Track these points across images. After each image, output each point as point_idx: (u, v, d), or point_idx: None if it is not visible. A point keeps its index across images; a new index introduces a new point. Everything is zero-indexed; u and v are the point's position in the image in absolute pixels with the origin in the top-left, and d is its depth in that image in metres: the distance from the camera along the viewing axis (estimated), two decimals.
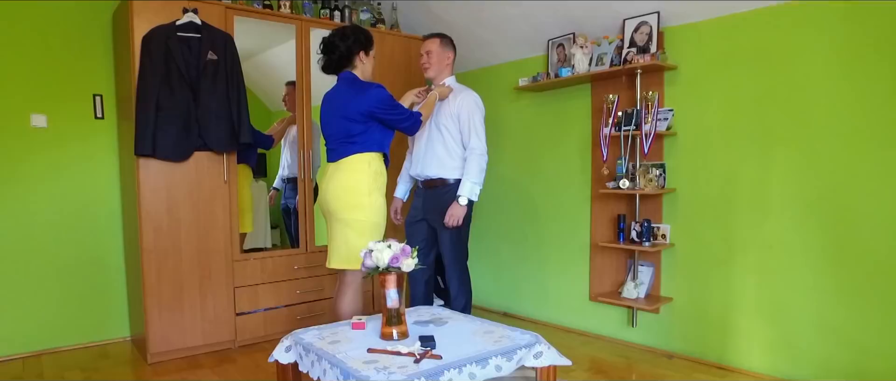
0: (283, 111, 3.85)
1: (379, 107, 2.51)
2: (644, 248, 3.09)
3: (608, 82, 3.44)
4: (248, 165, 3.89)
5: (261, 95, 3.93)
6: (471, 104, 2.88)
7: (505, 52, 4.00)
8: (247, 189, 3.91)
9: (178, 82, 3.11)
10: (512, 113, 4.07)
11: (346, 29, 2.59)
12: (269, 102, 3.91)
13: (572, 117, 3.68)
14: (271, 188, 4.16)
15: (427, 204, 2.98)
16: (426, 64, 2.94)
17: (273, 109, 3.89)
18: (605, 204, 3.50)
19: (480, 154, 2.84)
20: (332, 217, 2.61)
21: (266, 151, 4.09)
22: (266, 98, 3.92)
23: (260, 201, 3.98)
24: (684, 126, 3.13)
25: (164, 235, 3.16)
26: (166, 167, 3.15)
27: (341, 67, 2.61)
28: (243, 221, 3.83)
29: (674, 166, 3.18)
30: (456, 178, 2.90)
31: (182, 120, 3.13)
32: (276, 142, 3.93)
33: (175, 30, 3.11)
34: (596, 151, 3.54)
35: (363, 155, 2.55)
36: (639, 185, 3.12)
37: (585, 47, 3.34)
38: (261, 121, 3.83)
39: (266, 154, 4.00)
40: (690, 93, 3.10)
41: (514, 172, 4.09)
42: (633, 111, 3.13)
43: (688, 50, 3.09)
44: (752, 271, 2.90)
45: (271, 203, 4.18)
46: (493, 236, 4.26)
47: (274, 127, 3.97)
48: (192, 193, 3.25)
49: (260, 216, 4.02)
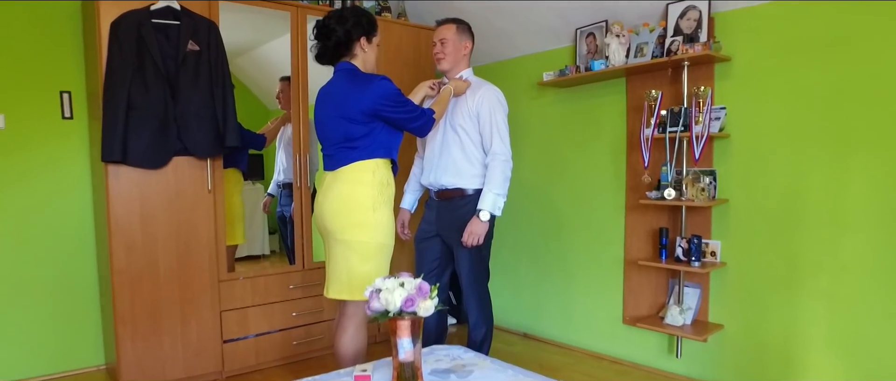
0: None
1: (384, 103, 2.09)
2: (693, 268, 2.66)
3: (646, 76, 3.01)
4: (238, 169, 3.50)
5: (258, 92, 3.60)
6: (492, 101, 2.45)
7: (526, 43, 3.56)
8: (237, 196, 3.53)
9: (154, 76, 2.69)
10: (534, 111, 3.64)
11: (344, 10, 2.16)
12: (266, 100, 3.58)
13: (604, 116, 3.24)
14: (266, 194, 3.78)
15: (441, 218, 2.55)
16: (440, 54, 2.51)
17: (271, 107, 3.54)
18: (643, 216, 3.06)
19: (505, 160, 2.42)
20: (331, 238, 2.19)
21: (260, 152, 3.70)
22: (263, 95, 3.58)
23: (256, 205, 3.60)
24: (739, 127, 2.70)
25: (138, 253, 2.74)
26: (140, 175, 2.73)
27: (339, 55, 2.19)
28: (234, 232, 3.44)
29: (726, 173, 2.74)
30: (475, 188, 2.47)
31: (158, 120, 2.72)
32: (270, 142, 3.53)
33: (149, 15, 2.69)
34: (632, 155, 3.10)
35: (366, 162, 2.13)
36: (686, 195, 2.69)
37: (622, 36, 2.91)
38: (258, 120, 3.48)
39: (263, 154, 3.59)
40: (746, 88, 2.67)
41: (537, 177, 3.66)
42: (681, 110, 2.70)
43: (743, 38, 2.66)
44: (822, 298, 2.47)
45: (266, 210, 3.80)
46: (513, 248, 3.83)
47: (267, 126, 3.58)
48: (171, 204, 2.83)
49: (256, 221, 3.66)
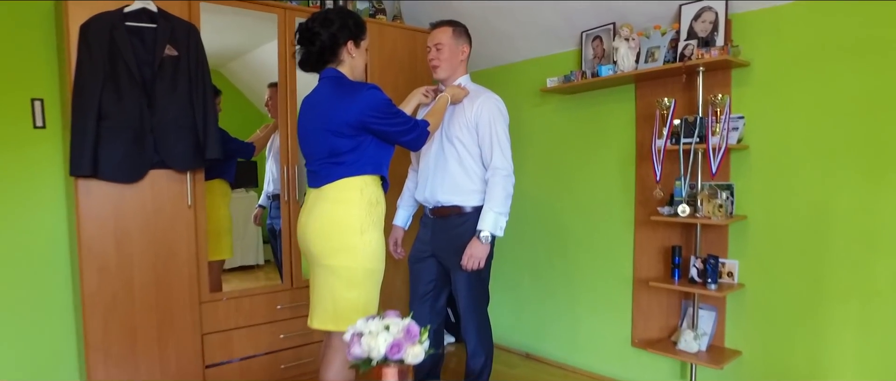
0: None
1: (373, 114, 1.89)
2: (710, 292, 2.46)
3: (657, 83, 2.81)
4: (224, 180, 3.31)
5: (252, 98, 3.43)
6: (492, 110, 2.25)
7: (529, 46, 3.37)
8: (224, 208, 3.35)
9: (128, 84, 2.50)
10: (537, 119, 3.44)
11: (328, 12, 1.97)
12: (261, 106, 3.40)
13: (611, 125, 3.04)
14: (257, 206, 3.60)
15: (437, 238, 2.35)
16: (435, 60, 2.30)
17: (266, 112, 3.36)
18: (653, 232, 2.86)
19: (506, 175, 2.21)
20: (314, 262, 2.00)
21: (248, 160, 3.51)
22: (258, 101, 3.40)
23: (249, 213, 3.44)
24: (758, 138, 2.50)
25: (112, 275, 2.55)
26: (113, 190, 2.54)
27: (324, 62, 2.00)
28: (220, 246, 3.25)
29: (744, 188, 2.54)
30: (474, 205, 2.27)
31: (132, 131, 2.52)
32: (259, 151, 3.34)
33: (122, 18, 2.49)
34: (641, 167, 2.90)
35: (353, 180, 1.93)
36: (702, 212, 2.49)
37: (632, 40, 2.71)
38: (252, 126, 3.32)
39: (256, 161, 3.40)
40: (767, 96, 2.47)
41: (540, 189, 3.46)
42: (696, 119, 2.49)
43: (764, 41, 2.46)
44: (851, 325, 2.27)
45: (257, 223, 3.61)
46: (515, 263, 3.63)
47: (257, 134, 3.39)
48: (148, 221, 2.63)
49: (250, 230, 3.49)
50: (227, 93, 3.57)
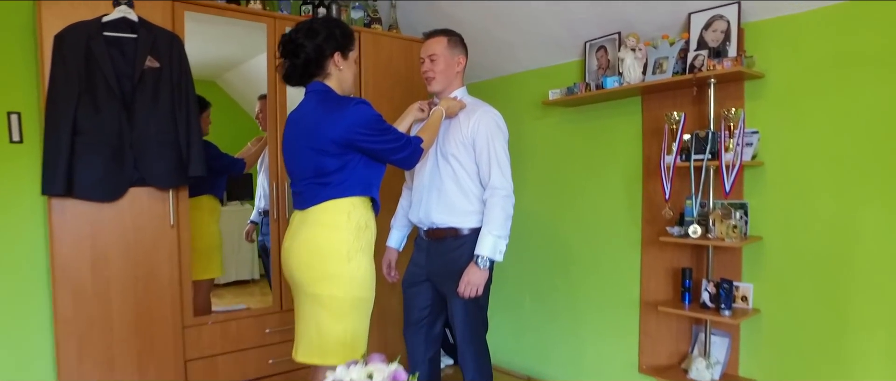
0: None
1: (360, 131, 1.75)
2: (723, 318, 2.30)
3: (665, 95, 2.67)
4: (214, 196, 3.18)
5: (248, 109, 3.33)
6: (490, 125, 2.11)
7: (530, 57, 3.23)
8: (213, 225, 3.22)
9: (106, 97, 2.37)
10: (538, 133, 3.30)
11: (314, 23, 1.83)
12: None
13: (617, 139, 2.90)
14: (249, 222, 3.47)
15: (433, 262, 2.20)
16: (429, 72, 2.16)
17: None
18: (662, 253, 2.71)
19: (505, 196, 2.07)
20: (299, 290, 1.85)
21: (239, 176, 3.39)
22: (253, 112, 3.28)
23: (243, 227, 3.34)
24: (774, 154, 2.35)
25: (88, 299, 2.40)
26: (90, 210, 2.40)
27: (309, 75, 1.86)
28: (210, 265, 3.14)
29: (759, 207, 2.40)
30: (472, 227, 2.12)
31: (110, 147, 2.39)
32: (250, 166, 3.21)
33: (100, 28, 2.37)
34: (649, 184, 2.76)
35: (340, 202, 1.79)
36: (714, 233, 2.34)
37: (638, 50, 2.57)
38: (248, 139, 3.20)
39: (252, 173, 3.27)
40: (783, 109, 2.33)
41: (541, 206, 3.31)
42: (708, 134, 2.35)
43: (779, 52, 2.32)
44: (877, 355, 2.11)
45: (249, 239, 3.48)
46: (515, 283, 3.47)
47: (248, 148, 3.26)
48: (128, 242, 2.49)
49: (245, 245, 3.38)
50: (223, 104, 3.49)
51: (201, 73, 3.36)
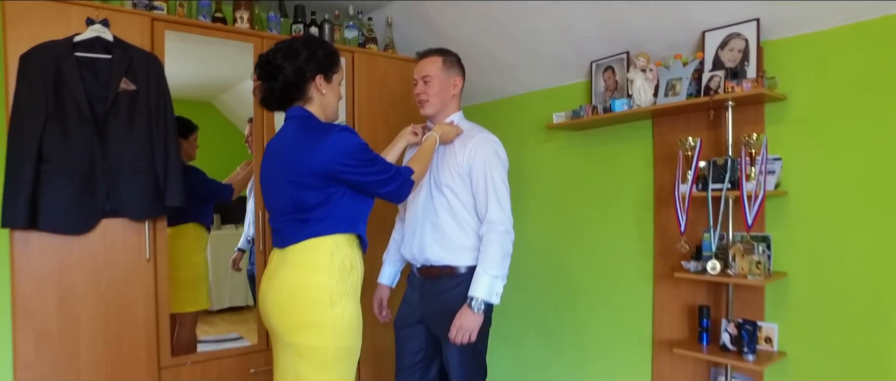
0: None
1: (343, 162, 1.57)
2: (747, 363, 2.10)
3: (677, 118, 2.49)
4: (200, 223, 3.01)
5: (245, 130, 3.14)
6: (488, 154, 1.92)
7: (533, 78, 3.06)
8: (199, 255, 3.06)
9: (77, 122, 2.20)
10: (542, 158, 3.12)
11: (294, 42, 1.67)
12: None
13: (626, 165, 2.72)
14: (236, 249, 3.30)
15: (426, 302, 2.01)
16: (423, 94, 1.98)
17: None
18: (676, 288, 2.51)
19: (503, 231, 1.87)
20: (277, 338, 1.66)
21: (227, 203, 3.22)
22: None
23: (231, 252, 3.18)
24: (798, 183, 2.17)
25: (52, 341, 2.21)
26: (57, 243, 2.21)
27: (288, 99, 1.69)
28: (196, 297, 2.98)
29: (783, 240, 2.20)
30: (469, 265, 1.92)
31: (80, 175, 2.21)
32: (238, 191, 3.05)
33: (72, 48, 2.20)
34: (661, 214, 2.57)
35: (322, 240, 1.61)
36: (735, 269, 2.14)
37: (649, 71, 2.40)
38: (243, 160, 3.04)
39: (245, 195, 3.09)
40: (807, 134, 2.15)
41: (545, 236, 3.12)
42: (726, 162, 2.16)
43: (802, 72, 2.15)
44: None
45: (235, 267, 3.31)
46: (518, 317, 3.27)
47: (236, 172, 3.10)
48: (98, 278, 2.30)
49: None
50: (219, 126, 3.35)
51: (196, 94, 3.24)
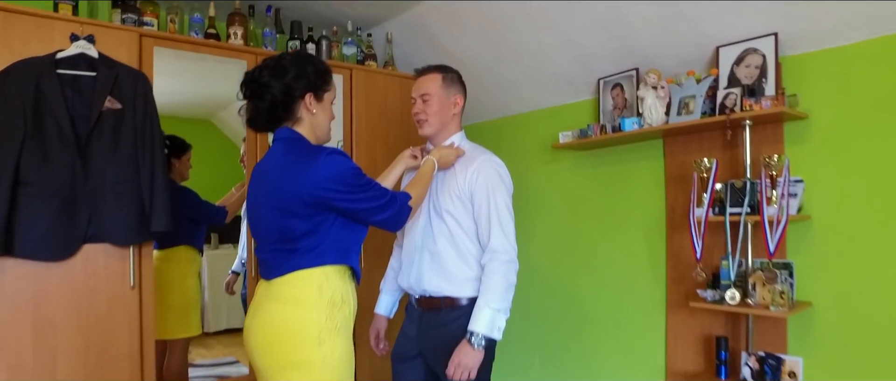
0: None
1: (333, 187, 1.45)
2: None
3: (691, 138, 2.37)
4: (192, 246, 2.90)
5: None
6: (491, 177, 1.79)
7: (537, 96, 2.95)
8: (191, 279, 2.97)
9: (57, 142, 2.09)
10: (547, 179, 2.99)
11: (282, 58, 1.55)
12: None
13: (636, 187, 2.59)
14: (230, 272, 3.19)
15: (425, 335, 1.86)
16: (421, 113, 1.86)
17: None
18: (691, 317, 2.37)
19: (507, 261, 1.73)
20: (261, 378, 1.52)
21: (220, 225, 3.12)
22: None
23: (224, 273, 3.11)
24: (822, 206, 2.04)
25: (27, 375, 2.07)
26: (34, 270, 2.09)
27: (276, 120, 1.57)
28: (187, 323, 2.87)
29: (806, 268, 2.07)
30: (471, 296, 1.78)
31: (60, 198, 2.10)
32: (233, 213, 2.94)
33: (54, 65, 2.10)
34: (674, 238, 2.44)
35: (310, 272, 1.48)
36: (756, 298, 2.00)
37: (661, 88, 2.28)
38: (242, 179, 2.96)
39: (241, 215, 2.98)
40: (830, 155, 2.02)
41: (551, 261, 2.98)
42: (745, 184, 2.04)
43: (824, 89, 2.03)
44: None
45: (228, 291, 3.20)
46: (523, 343, 3.12)
47: (231, 194, 3.00)
48: (79, 306, 2.18)
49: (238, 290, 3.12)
50: (218, 144, 3.27)
51: (194, 111, 3.16)
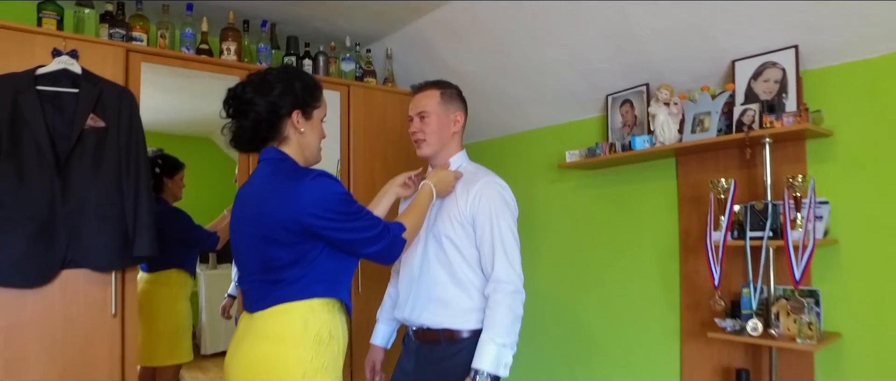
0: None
1: (319, 214, 1.32)
2: None
3: (705, 156, 2.25)
4: (184, 270, 2.80)
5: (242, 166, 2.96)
6: (494, 200, 1.65)
7: (543, 113, 2.83)
8: (182, 303, 2.89)
9: (34, 162, 1.98)
10: (553, 200, 2.86)
11: (268, 73, 1.43)
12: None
13: (647, 208, 2.46)
14: (226, 296, 3.09)
15: (422, 372, 1.72)
16: (418, 133, 1.74)
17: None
18: (708, 347, 2.22)
19: (512, 291, 1.59)
20: None
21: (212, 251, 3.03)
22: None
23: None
24: (850, 230, 1.90)
25: None
26: (6, 298, 1.97)
27: (260, 139, 1.45)
28: (177, 349, 2.76)
29: (834, 296, 1.92)
30: (473, 329, 1.64)
31: (36, 222, 1.98)
32: (224, 239, 2.83)
33: (33, 81, 2.00)
34: (688, 262, 2.30)
35: (295, 306, 1.35)
36: (780, 329, 1.86)
37: (674, 104, 2.16)
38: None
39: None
40: (858, 175, 1.89)
41: (558, 286, 2.84)
42: (766, 207, 1.90)
43: (850, 105, 1.90)
44: None
45: (224, 315, 3.08)
46: (528, 371, 2.97)
47: (224, 216, 2.90)
48: (55, 337, 2.05)
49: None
50: (218, 161, 3.18)
51: (194, 128, 3.06)
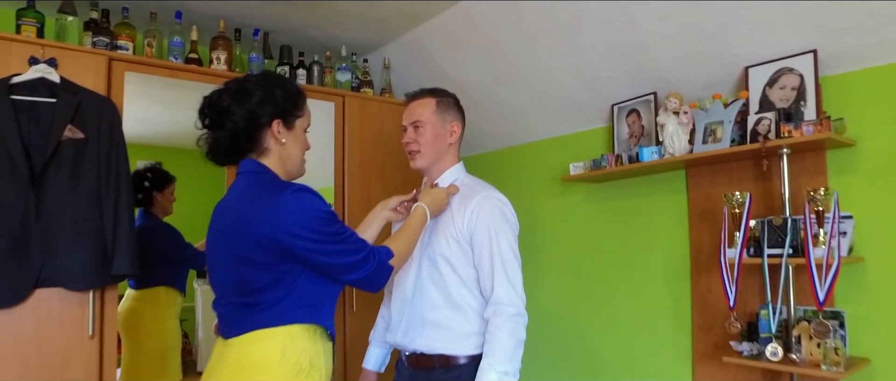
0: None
1: (297, 233, 1.20)
2: None
3: (717, 168, 2.12)
4: (172, 287, 2.69)
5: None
6: (493, 216, 1.52)
7: (545, 123, 2.71)
8: (171, 321, 2.78)
9: (8, 174, 1.89)
10: (557, 214, 2.74)
11: (246, 81, 1.32)
12: None
13: (655, 223, 2.33)
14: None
15: None
16: (412, 144, 1.62)
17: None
18: (722, 371, 2.09)
19: (514, 314, 1.46)
20: None
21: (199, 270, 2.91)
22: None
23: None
24: (876, 247, 1.77)
25: None
26: None
27: (238, 151, 1.33)
28: (166, 368, 2.64)
29: (860, 318, 1.79)
30: (470, 354, 1.51)
31: (8, 238, 1.88)
32: None
33: (7, 90, 1.90)
34: (700, 281, 2.17)
35: (272, 332, 1.23)
36: (802, 354, 1.72)
37: (683, 114, 2.04)
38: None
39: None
40: (884, 187, 1.76)
41: (562, 305, 2.71)
42: (785, 222, 1.77)
43: (874, 113, 1.78)
44: None
45: (217, 333, 2.93)
46: None
47: None
48: (27, 360, 1.93)
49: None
50: (216, 174, 3.05)
51: (188, 141, 2.93)
